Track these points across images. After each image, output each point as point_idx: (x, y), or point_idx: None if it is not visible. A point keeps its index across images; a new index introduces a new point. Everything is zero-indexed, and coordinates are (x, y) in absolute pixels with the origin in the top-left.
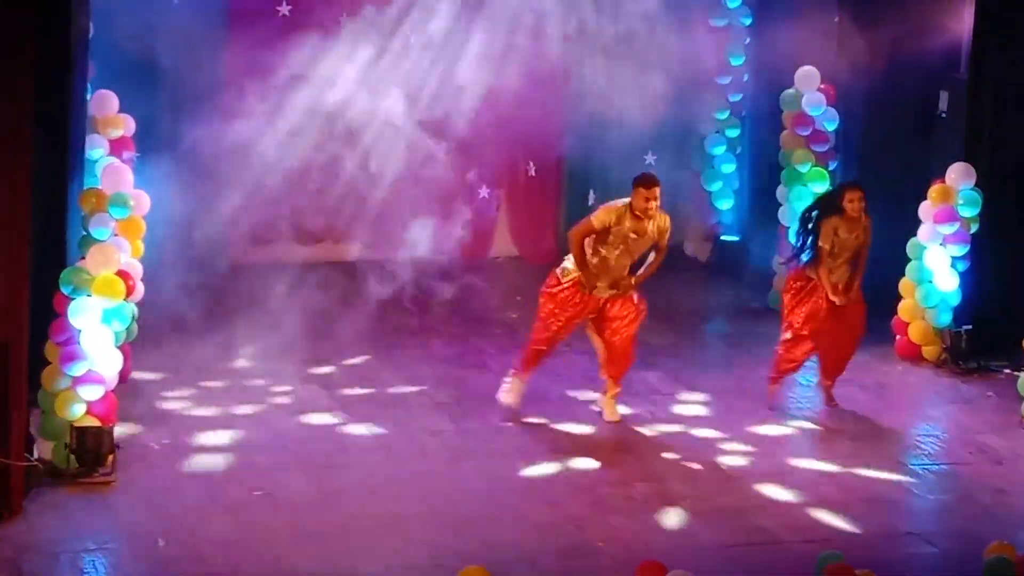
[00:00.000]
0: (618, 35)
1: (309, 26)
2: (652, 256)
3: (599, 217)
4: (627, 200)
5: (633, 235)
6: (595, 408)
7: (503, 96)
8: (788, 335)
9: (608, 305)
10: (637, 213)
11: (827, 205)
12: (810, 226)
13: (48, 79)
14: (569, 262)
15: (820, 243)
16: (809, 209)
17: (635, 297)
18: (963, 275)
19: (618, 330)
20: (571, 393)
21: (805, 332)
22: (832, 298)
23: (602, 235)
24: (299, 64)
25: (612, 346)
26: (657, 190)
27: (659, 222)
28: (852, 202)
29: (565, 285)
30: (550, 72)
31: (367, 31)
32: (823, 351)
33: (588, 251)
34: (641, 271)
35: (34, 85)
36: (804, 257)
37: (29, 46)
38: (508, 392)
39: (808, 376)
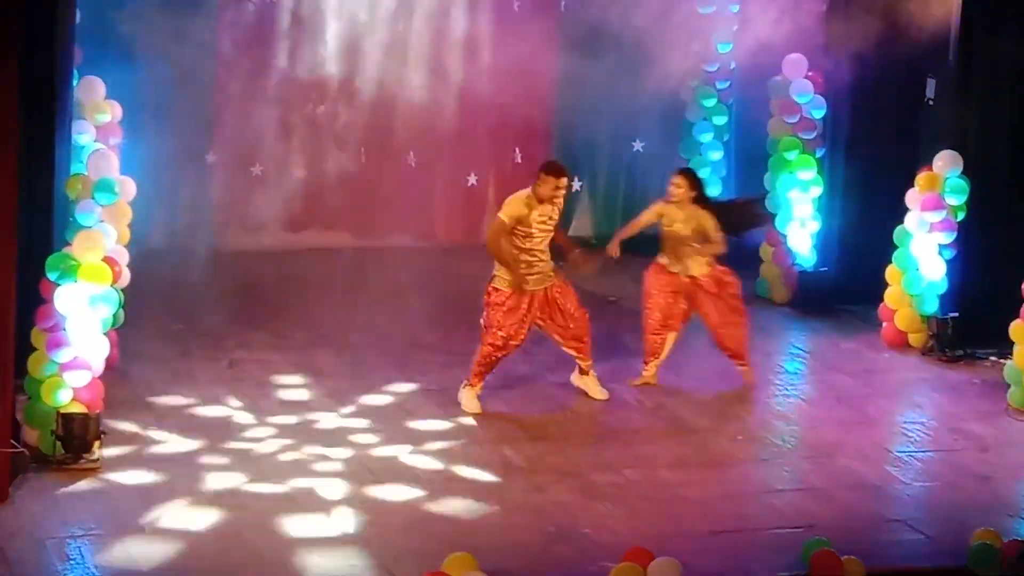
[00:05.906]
0: (606, 21)
1: (296, 11)
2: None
3: (508, 213)
4: (527, 190)
5: (543, 221)
6: (577, 385)
7: (490, 82)
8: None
9: (550, 305)
10: (543, 200)
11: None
12: None
13: (34, 66)
14: (499, 270)
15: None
16: None
17: (564, 280)
18: (950, 263)
19: (571, 317)
20: (554, 379)
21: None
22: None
23: (518, 231)
24: (286, 49)
25: (567, 334)
26: (566, 180)
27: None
28: (679, 187)
29: (506, 293)
30: (538, 58)
31: (355, 17)
32: (713, 333)
33: (512, 251)
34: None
35: (20, 73)
36: None
37: (15, 33)
38: (467, 402)
39: (796, 363)
